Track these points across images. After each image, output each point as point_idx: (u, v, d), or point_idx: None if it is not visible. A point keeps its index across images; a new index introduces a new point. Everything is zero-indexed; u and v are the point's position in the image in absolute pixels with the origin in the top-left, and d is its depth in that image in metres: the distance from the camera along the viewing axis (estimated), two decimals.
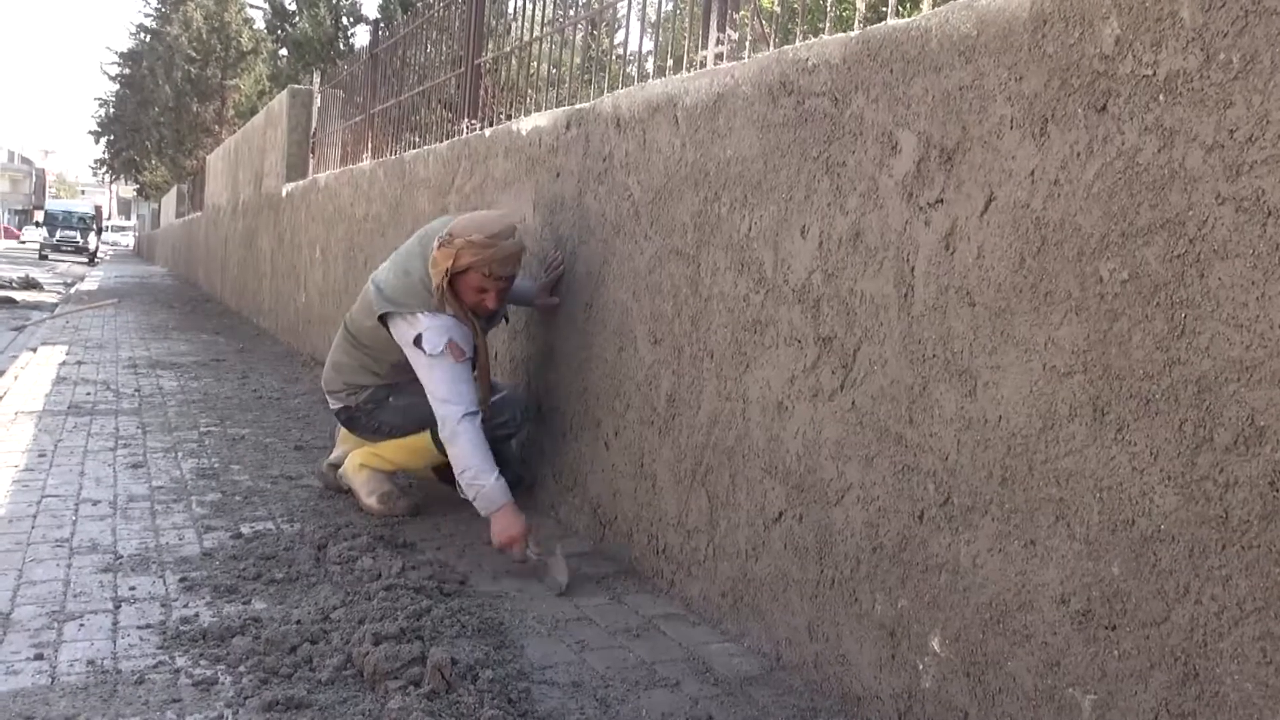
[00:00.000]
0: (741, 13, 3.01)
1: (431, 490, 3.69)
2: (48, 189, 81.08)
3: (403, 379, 3.35)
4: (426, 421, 3.28)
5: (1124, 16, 1.56)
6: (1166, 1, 1.50)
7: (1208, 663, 1.43)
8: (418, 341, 3.17)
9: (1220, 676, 1.41)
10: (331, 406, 3.64)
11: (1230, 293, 1.41)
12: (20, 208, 78.16)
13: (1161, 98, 1.51)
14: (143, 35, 39.05)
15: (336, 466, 3.66)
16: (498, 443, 3.43)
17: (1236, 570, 1.39)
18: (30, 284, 17.70)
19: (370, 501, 3.41)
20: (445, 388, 3.14)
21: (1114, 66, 1.58)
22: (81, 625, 2.36)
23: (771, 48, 2.53)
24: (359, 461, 3.49)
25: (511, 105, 4.71)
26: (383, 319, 3.30)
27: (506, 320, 3.69)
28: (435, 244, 3.20)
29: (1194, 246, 1.46)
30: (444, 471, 3.43)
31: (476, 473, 3.04)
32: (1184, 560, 1.46)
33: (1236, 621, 1.39)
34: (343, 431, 3.74)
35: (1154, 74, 1.52)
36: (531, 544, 2.96)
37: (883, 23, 2.08)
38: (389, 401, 3.45)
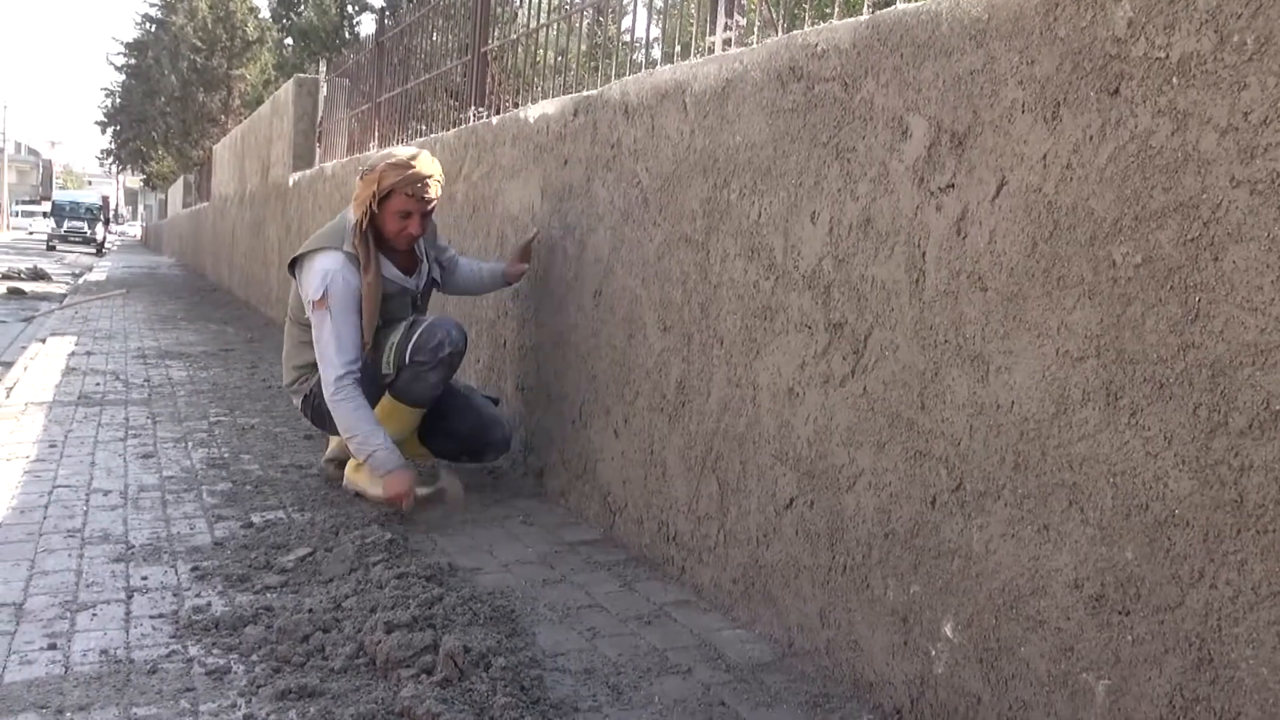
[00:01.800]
0: None
1: (439, 480, 3.69)
2: (55, 180, 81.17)
3: None
4: (379, 381, 3.39)
5: None
6: None
7: (1222, 648, 1.43)
8: (305, 292, 3.32)
9: (1235, 661, 1.41)
10: (296, 406, 3.67)
11: (1245, 276, 1.40)
12: (27, 199, 78.31)
13: (1175, 80, 1.50)
14: (148, 25, 39.05)
15: (334, 461, 3.68)
16: (448, 368, 3.42)
17: (1252, 555, 1.39)
18: (38, 275, 17.74)
19: (378, 491, 3.39)
20: (324, 346, 3.26)
21: (1126, 49, 1.57)
22: (94, 615, 2.37)
23: (780, 33, 2.52)
24: (356, 462, 3.48)
25: (519, 93, 4.70)
26: (293, 272, 3.43)
27: (439, 286, 3.73)
28: (359, 178, 3.33)
29: (1208, 230, 1.45)
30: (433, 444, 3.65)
31: (365, 437, 3.21)
32: (1198, 545, 1.46)
33: (1252, 606, 1.39)
34: None
35: (1167, 56, 1.51)
36: (418, 491, 3.22)
37: (892, 7, 2.07)
38: None
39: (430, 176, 3.31)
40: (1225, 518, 1.42)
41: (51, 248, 34.27)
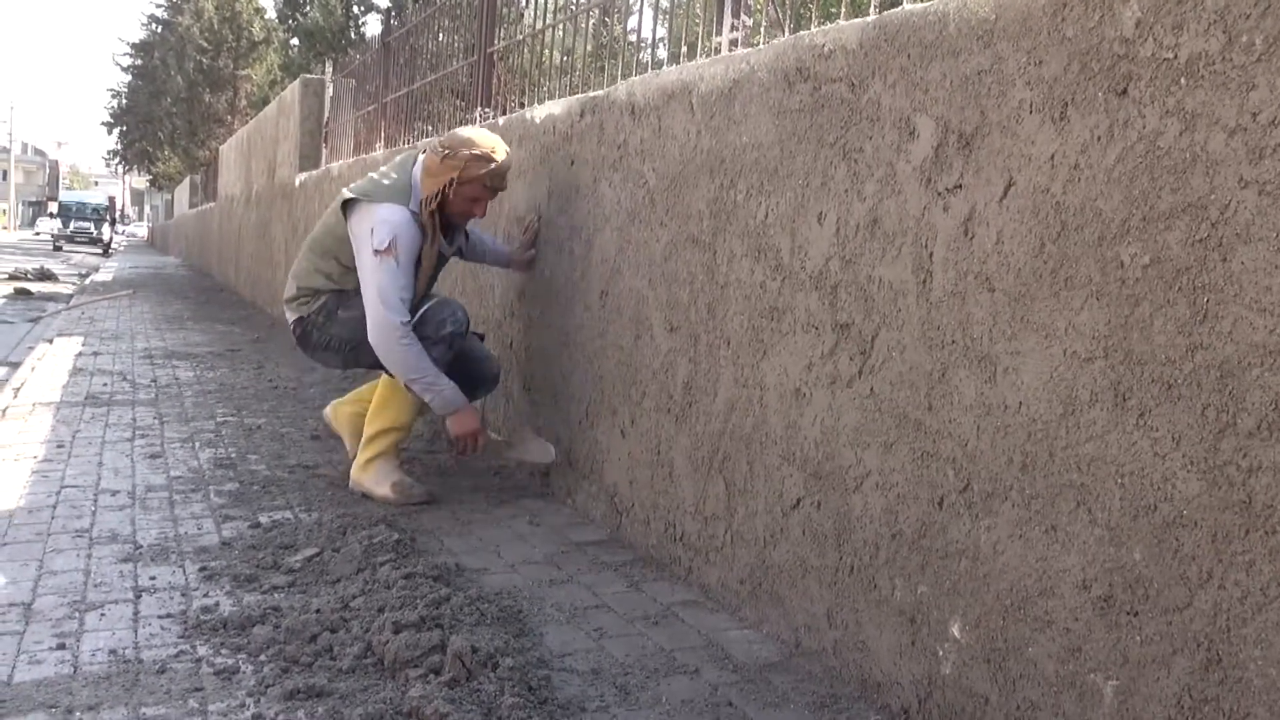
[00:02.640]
0: None
1: (446, 478, 3.70)
2: (61, 180, 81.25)
3: (351, 286, 3.48)
4: None
5: None
6: None
7: (1231, 648, 1.43)
8: (371, 232, 3.33)
9: (1244, 662, 1.41)
10: (289, 320, 3.69)
11: (1253, 277, 1.40)
12: (34, 199, 78.48)
13: (1183, 81, 1.50)
14: (154, 26, 39.10)
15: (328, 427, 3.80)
16: (448, 346, 3.46)
17: (1260, 555, 1.39)
18: (45, 275, 17.79)
19: (384, 491, 3.41)
20: (385, 291, 3.31)
21: (1134, 49, 1.57)
22: (103, 615, 2.37)
23: (787, 33, 2.52)
24: (365, 458, 3.50)
25: (525, 94, 4.70)
26: (346, 208, 3.45)
27: (462, 255, 3.82)
28: (437, 156, 3.36)
29: (1216, 230, 1.45)
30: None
31: (433, 378, 3.34)
32: (1207, 546, 1.46)
33: (1260, 607, 1.39)
34: (329, 413, 3.87)
35: (1175, 57, 1.51)
36: (491, 434, 3.32)
37: (899, 7, 2.07)
38: (338, 314, 3.52)
39: (507, 170, 3.44)
40: (1233, 518, 1.42)
41: (58, 248, 34.39)
